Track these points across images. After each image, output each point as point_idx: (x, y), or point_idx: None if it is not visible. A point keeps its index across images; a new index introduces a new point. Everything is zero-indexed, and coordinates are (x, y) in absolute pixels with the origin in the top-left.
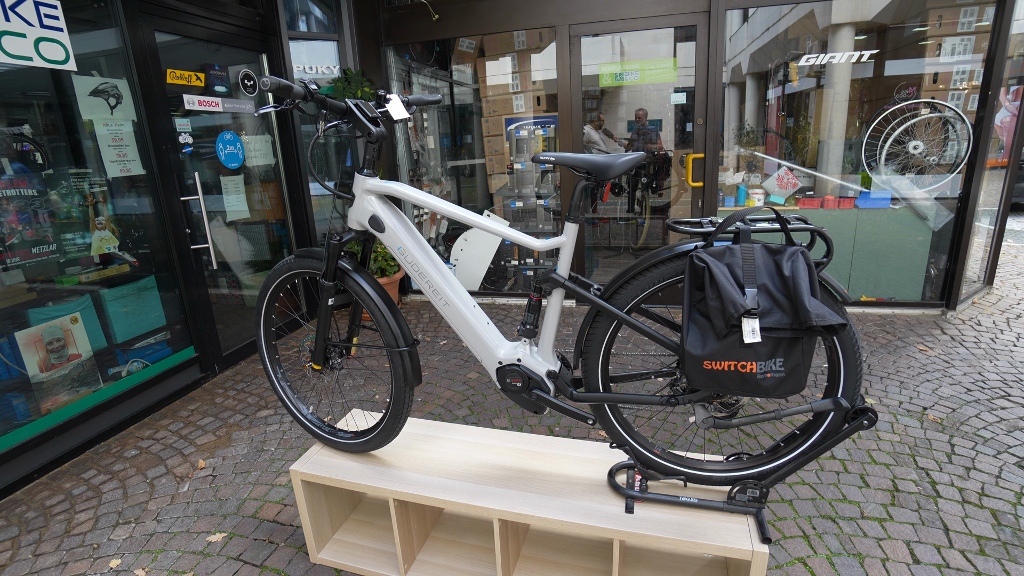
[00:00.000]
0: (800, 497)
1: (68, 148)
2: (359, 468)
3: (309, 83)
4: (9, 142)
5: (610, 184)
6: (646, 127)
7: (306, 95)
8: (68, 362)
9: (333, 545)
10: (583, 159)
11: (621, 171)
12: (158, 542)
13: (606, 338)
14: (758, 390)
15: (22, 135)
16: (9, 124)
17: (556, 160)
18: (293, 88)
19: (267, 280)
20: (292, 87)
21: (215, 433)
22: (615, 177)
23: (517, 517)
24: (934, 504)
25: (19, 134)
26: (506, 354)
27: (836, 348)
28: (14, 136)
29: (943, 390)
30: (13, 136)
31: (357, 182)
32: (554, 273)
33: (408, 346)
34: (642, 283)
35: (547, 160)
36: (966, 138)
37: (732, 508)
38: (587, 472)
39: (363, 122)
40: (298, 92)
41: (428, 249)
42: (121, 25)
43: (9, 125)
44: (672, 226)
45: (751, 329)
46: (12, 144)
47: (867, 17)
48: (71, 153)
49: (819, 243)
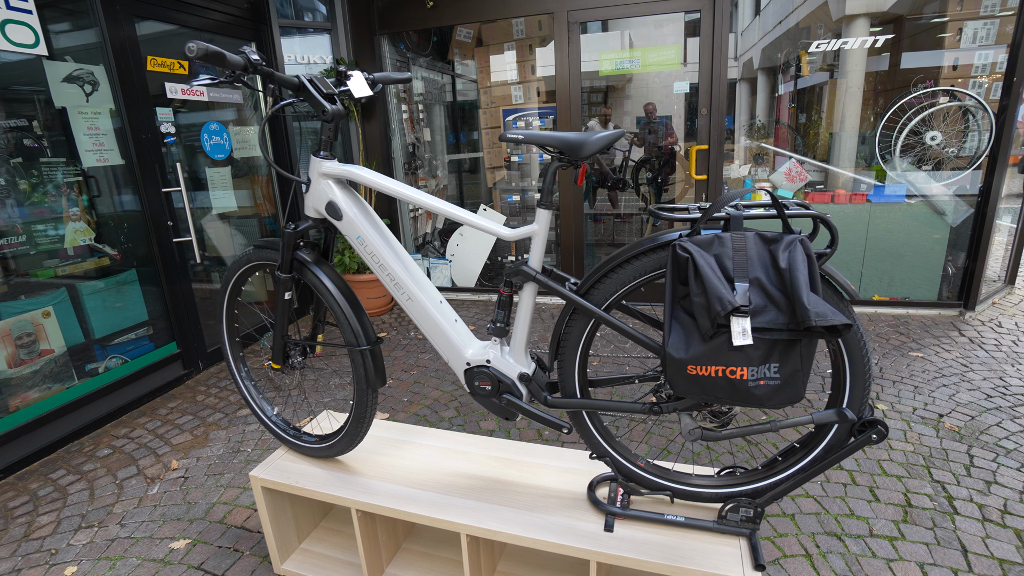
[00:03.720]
0: (803, 511)
1: (40, 136)
2: (322, 475)
3: (251, 53)
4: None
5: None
6: (656, 121)
7: (247, 66)
8: (39, 358)
9: (299, 555)
10: (554, 136)
11: (596, 149)
12: (119, 548)
13: (583, 338)
14: (750, 399)
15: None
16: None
17: (525, 138)
18: (226, 57)
19: (227, 273)
20: (224, 55)
21: (192, 432)
22: (589, 156)
23: (485, 533)
24: (951, 522)
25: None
26: (474, 354)
27: (841, 352)
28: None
29: (961, 396)
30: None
31: (313, 165)
32: (525, 265)
33: (369, 345)
34: (622, 277)
35: (515, 138)
36: (988, 129)
37: (722, 529)
38: (566, 484)
39: (317, 99)
40: (235, 62)
41: (391, 239)
42: (97, 10)
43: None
44: (655, 212)
45: (741, 329)
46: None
47: (883, 8)
48: (43, 142)
49: (823, 233)
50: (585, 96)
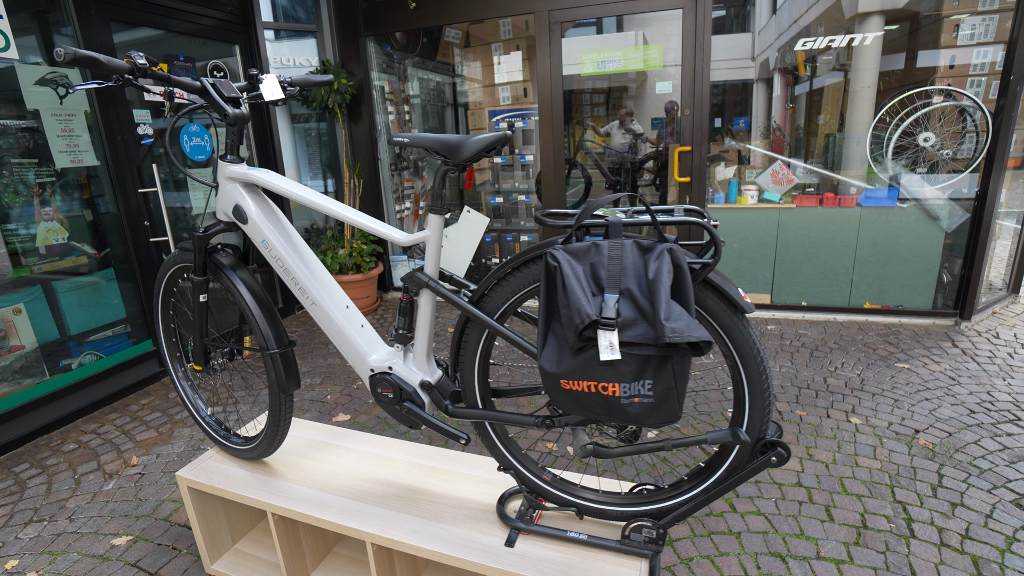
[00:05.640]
0: (751, 529)
1: (11, 137)
2: (244, 476)
3: (139, 57)
4: None
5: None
6: (677, 121)
7: (134, 70)
8: (8, 353)
9: (231, 556)
10: (435, 139)
11: (474, 151)
12: (63, 543)
13: (480, 346)
14: (627, 417)
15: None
16: None
17: (411, 141)
18: (102, 62)
19: (158, 275)
20: (99, 60)
21: (158, 429)
22: (470, 159)
23: (387, 542)
24: (905, 546)
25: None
26: (378, 360)
27: (739, 369)
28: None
29: (942, 411)
30: None
31: (219, 169)
32: (419, 272)
33: (280, 348)
34: (512, 285)
35: (401, 141)
36: (985, 130)
37: (624, 549)
38: (481, 495)
39: (219, 103)
40: (116, 67)
41: (298, 244)
42: (71, 15)
43: None
44: (539, 219)
45: (608, 344)
46: None
47: (897, 4)
48: (15, 142)
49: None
50: (587, 97)
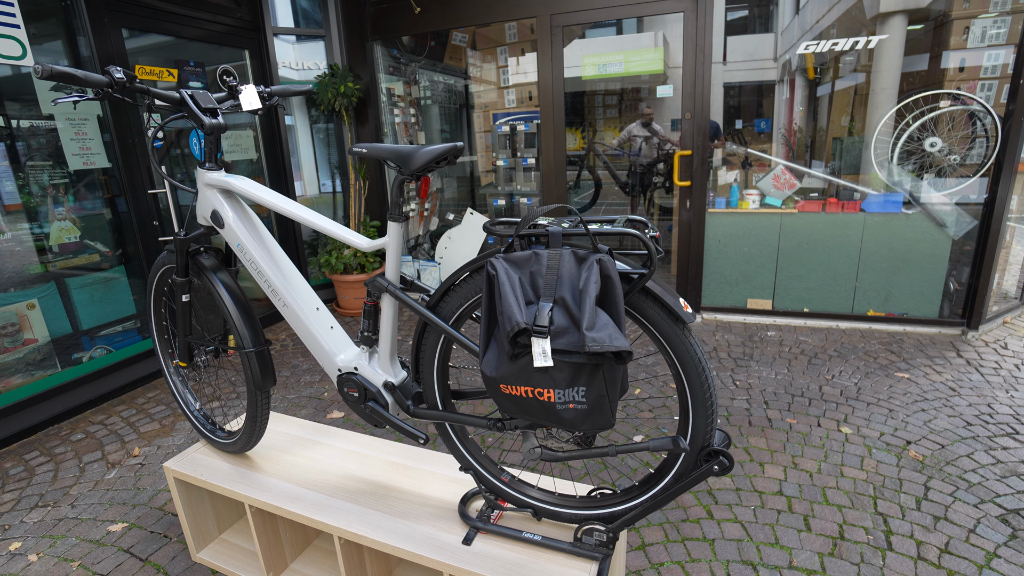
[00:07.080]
0: (725, 537)
1: (26, 141)
2: (226, 469)
3: (116, 71)
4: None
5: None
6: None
7: (112, 84)
8: (23, 346)
9: (217, 545)
10: (389, 149)
11: (424, 161)
12: (63, 528)
13: (438, 350)
14: (563, 422)
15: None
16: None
17: (368, 151)
18: (78, 77)
19: (150, 275)
20: (76, 75)
21: (161, 422)
22: (421, 169)
23: (353, 536)
24: (881, 559)
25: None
26: (345, 361)
27: (681, 378)
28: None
29: (938, 422)
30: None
31: (198, 176)
32: (380, 277)
33: (256, 347)
34: (465, 292)
35: (359, 152)
36: (995, 135)
37: (576, 551)
38: (447, 493)
39: (196, 114)
40: (94, 81)
41: (272, 248)
42: (83, 20)
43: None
44: (487, 228)
45: (541, 351)
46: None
47: (920, 3)
48: (29, 146)
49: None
50: (600, 99)
